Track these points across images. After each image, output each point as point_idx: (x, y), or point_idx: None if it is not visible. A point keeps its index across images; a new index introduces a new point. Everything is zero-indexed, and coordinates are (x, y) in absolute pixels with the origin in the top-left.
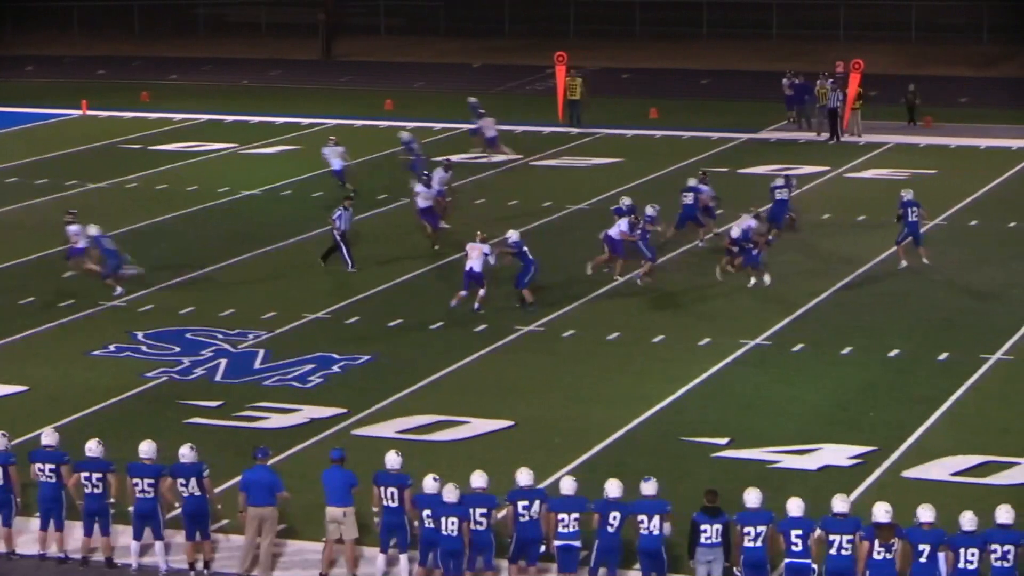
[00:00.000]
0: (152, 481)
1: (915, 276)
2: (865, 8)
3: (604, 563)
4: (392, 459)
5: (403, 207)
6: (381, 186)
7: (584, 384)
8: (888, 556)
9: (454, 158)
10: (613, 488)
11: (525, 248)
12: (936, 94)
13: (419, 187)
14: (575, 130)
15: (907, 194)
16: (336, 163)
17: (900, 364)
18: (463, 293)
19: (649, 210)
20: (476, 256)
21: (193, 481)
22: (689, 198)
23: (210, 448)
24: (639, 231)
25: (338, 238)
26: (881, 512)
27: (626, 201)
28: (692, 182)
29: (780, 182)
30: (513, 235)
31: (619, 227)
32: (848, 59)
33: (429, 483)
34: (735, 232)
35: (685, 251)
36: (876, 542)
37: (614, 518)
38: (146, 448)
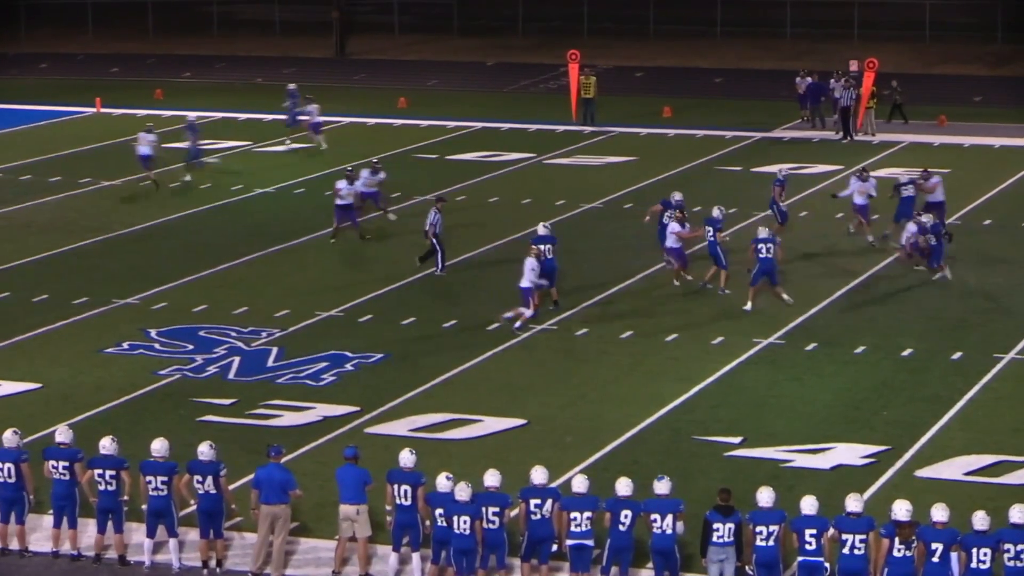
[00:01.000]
0: (165, 478)
1: (927, 275)
2: (879, 7)
3: (616, 562)
4: (406, 457)
5: (416, 205)
6: (393, 184)
7: (597, 383)
8: (908, 554)
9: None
10: (624, 486)
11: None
12: (950, 93)
13: (341, 184)
14: (588, 128)
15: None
16: (144, 149)
17: (913, 363)
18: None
19: (716, 212)
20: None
21: (210, 479)
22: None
23: (223, 446)
24: (710, 234)
25: (434, 241)
26: (902, 510)
27: (676, 196)
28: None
29: (905, 179)
30: (543, 229)
31: (671, 231)
32: (862, 58)
33: (442, 481)
34: (911, 238)
35: (696, 250)
36: (896, 540)
37: (625, 516)
38: (158, 446)
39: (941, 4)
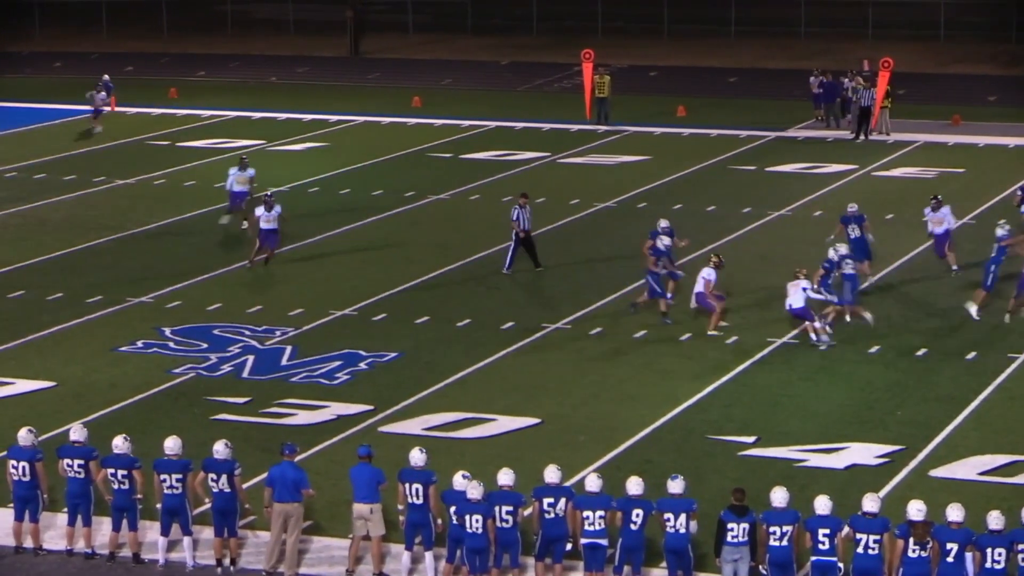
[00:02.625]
0: (179, 476)
1: (942, 275)
2: (893, 7)
3: (628, 561)
4: (416, 456)
5: (431, 204)
6: (408, 184)
7: (611, 382)
8: (923, 554)
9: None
10: (634, 485)
11: None
12: (964, 93)
13: (261, 211)
14: (603, 128)
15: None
16: (239, 187)
17: (927, 363)
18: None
19: (663, 223)
20: (794, 292)
21: (224, 478)
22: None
23: (237, 444)
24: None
25: (521, 237)
26: (914, 510)
27: (663, 224)
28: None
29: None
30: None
31: (704, 277)
32: (876, 57)
33: (458, 480)
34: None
35: (710, 250)
36: (911, 540)
37: (637, 516)
38: (172, 444)
39: (955, 3)
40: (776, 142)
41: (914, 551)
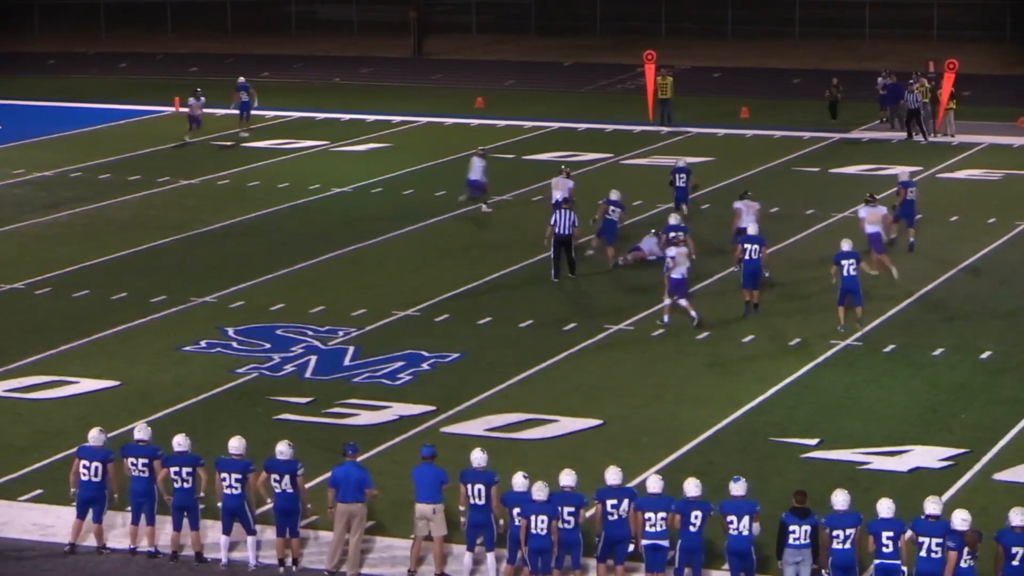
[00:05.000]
0: (240, 476)
1: (1008, 277)
2: (959, 7)
3: (689, 563)
4: (478, 457)
5: (493, 205)
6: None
7: (673, 384)
8: (971, 563)
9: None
10: (692, 487)
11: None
12: None
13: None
14: (666, 129)
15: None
16: (475, 175)
17: (992, 365)
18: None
19: (614, 194)
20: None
21: (287, 478)
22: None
23: (299, 444)
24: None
25: (560, 239)
26: (958, 520)
27: (613, 195)
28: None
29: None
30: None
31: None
32: (941, 59)
33: (519, 481)
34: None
35: (777, 249)
36: (965, 549)
37: (695, 517)
38: (236, 444)
39: (1022, 4)
40: (840, 144)
41: (966, 560)
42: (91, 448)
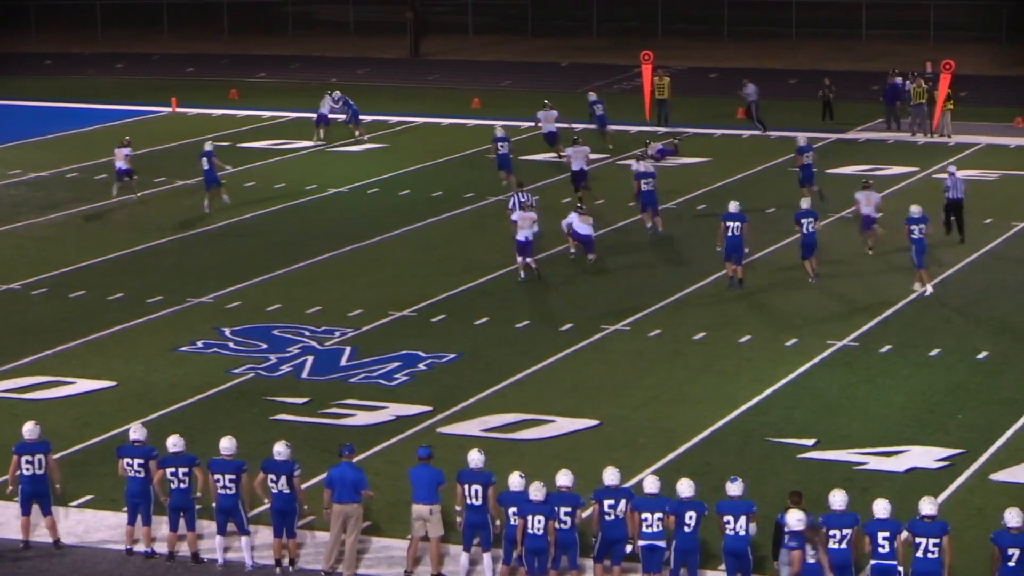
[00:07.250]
0: (233, 476)
1: (1005, 277)
2: (955, 8)
3: (684, 564)
4: (475, 457)
5: (490, 205)
6: (467, 185)
7: (670, 384)
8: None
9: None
10: (685, 488)
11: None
12: None
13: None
14: (663, 129)
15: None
16: (119, 164)
17: (988, 366)
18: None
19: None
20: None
21: (284, 479)
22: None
23: (296, 444)
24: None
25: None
26: (794, 521)
27: (499, 131)
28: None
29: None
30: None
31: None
32: (938, 59)
33: (515, 481)
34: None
35: (771, 252)
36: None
37: (690, 518)
38: (226, 444)
39: (1018, 5)
40: (837, 144)
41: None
42: (30, 443)
